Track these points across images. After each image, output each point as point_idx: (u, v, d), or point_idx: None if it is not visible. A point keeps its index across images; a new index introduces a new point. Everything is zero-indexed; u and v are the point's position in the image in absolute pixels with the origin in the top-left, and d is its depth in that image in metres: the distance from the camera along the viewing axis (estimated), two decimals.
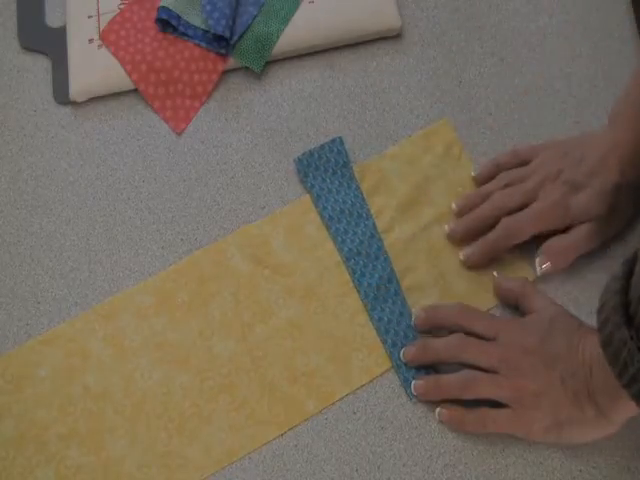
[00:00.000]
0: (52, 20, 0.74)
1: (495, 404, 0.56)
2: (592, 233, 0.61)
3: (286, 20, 0.71)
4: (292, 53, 0.72)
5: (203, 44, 0.70)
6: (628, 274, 0.46)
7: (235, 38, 0.70)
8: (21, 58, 0.73)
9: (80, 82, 0.70)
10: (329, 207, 0.65)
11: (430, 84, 0.71)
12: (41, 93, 0.72)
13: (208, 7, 0.69)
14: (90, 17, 0.72)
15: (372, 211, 0.66)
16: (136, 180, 0.68)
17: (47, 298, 0.64)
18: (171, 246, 0.66)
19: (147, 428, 0.60)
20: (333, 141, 0.68)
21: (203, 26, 0.70)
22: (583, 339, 0.55)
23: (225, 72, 0.71)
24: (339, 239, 0.64)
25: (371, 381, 0.61)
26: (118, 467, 0.59)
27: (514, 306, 0.62)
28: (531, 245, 0.63)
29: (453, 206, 0.65)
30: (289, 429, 0.59)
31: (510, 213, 0.62)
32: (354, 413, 0.60)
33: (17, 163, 0.70)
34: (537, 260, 0.62)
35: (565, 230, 0.62)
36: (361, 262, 0.63)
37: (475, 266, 0.63)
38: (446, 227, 0.64)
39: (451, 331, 0.59)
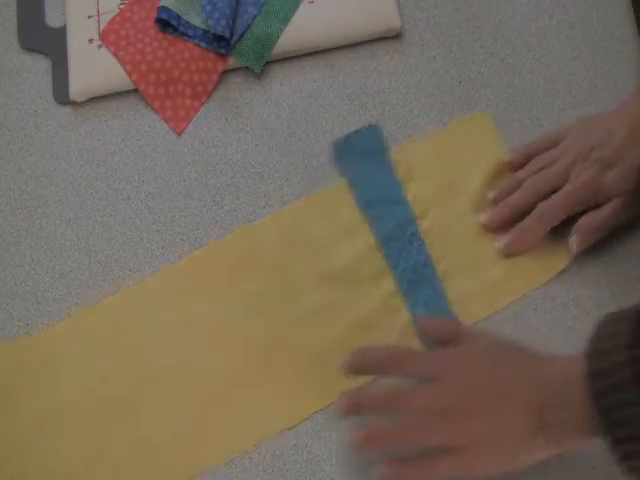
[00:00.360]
0: (52, 20, 0.74)
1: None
2: (622, 207, 0.60)
3: (286, 20, 0.71)
4: (292, 53, 0.72)
5: (203, 44, 0.70)
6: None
7: (235, 38, 0.70)
8: (21, 58, 0.73)
9: (80, 82, 0.70)
10: (365, 192, 0.66)
11: (430, 84, 0.71)
12: (41, 93, 0.72)
13: (208, 7, 0.69)
14: (90, 17, 0.72)
15: (407, 197, 0.66)
16: (136, 180, 0.68)
17: (47, 298, 0.64)
18: (171, 246, 0.66)
19: (177, 408, 0.60)
20: (369, 127, 0.68)
21: (203, 26, 0.70)
22: (531, 368, 0.52)
23: (225, 72, 0.71)
24: (374, 223, 0.64)
25: (374, 381, 0.61)
26: (148, 444, 0.59)
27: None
28: (562, 227, 0.62)
29: (489, 195, 0.65)
30: (314, 413, 0.59)
31: (545, 197, 0.62)
32: None
33: (17, 163, 0.70)
34: (570, 240, 0.61)
35: (596, 206, 0.61)
36: (396, 247, 0.63)
37: (513, 254, 0.63)
38: (482, 217, 0.64)
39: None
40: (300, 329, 0.62)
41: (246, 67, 0.71)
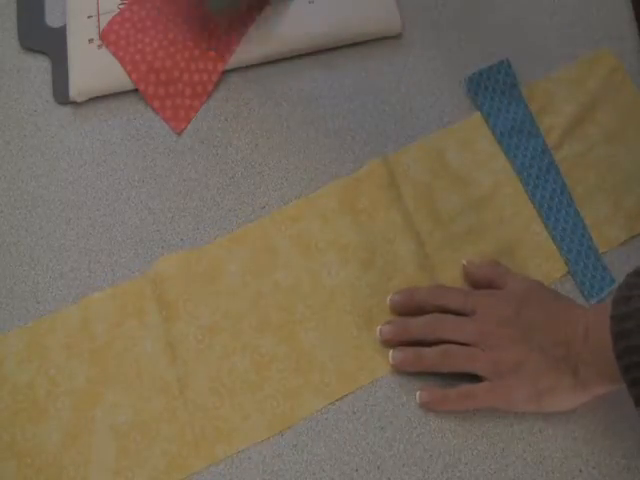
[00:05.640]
0: (52, 20, 0.74)
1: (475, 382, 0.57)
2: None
3: None
4: (292, 53, 0.72)
5: None
6: None
7: None
8: (21, 58, 0.73)
9: (80, 82, 0.70)
10: (499, 124, 0.68)
11: (430, 84, 0.71)
12: (41, 93, 0.72)
13: None
14: (90, 17, 0.73)
15: (541, 129, 0.67)
16: (136, 180, 0.68)
17: (47, 298, 0.64)
18: (171, 246, 0.66)
19: (337, 322, 0.62)
20: (501, 62, 0.70)
21: None
22: (567, 312, 0.56)
23: (225, 72, 0.71)
24: (511, 154, 0.67)
25: (372, 382, 0.61)
26: (310, 357, 0.61)
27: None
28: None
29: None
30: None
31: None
32: (354, 413, 0.60)
33: (17, 163, 0.70)
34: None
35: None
36: (533, 175, 0.66)
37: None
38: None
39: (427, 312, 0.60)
40: (447, 253, 0.64)
41: (246, 67, 0.71)
